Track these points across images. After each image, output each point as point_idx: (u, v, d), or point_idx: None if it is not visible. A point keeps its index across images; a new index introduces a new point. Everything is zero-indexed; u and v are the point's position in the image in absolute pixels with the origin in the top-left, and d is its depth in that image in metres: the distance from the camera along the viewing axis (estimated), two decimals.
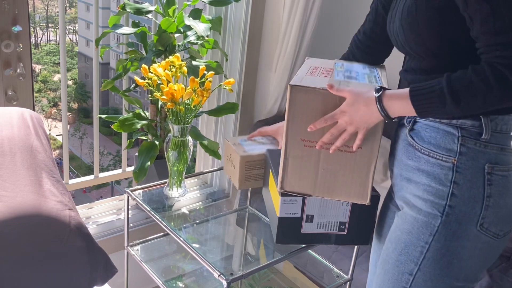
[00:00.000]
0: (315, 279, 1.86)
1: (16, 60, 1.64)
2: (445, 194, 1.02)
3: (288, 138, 1.10)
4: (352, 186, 1.13)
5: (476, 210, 1.01)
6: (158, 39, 1.75)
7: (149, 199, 1.51)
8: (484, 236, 1.02)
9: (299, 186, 1.14)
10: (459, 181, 1.01)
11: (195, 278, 1.69)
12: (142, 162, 1.76)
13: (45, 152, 1.33)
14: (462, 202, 1.01)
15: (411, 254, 1.07)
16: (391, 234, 1.14)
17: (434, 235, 1.03)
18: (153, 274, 1.45)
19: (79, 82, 21.42)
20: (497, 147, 1.00)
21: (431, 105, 0.94)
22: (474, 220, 1.01)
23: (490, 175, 1.00)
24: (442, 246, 1.03)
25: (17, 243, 1.11)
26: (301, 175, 1.13)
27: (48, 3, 22.12)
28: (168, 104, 1.31)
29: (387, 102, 0.99)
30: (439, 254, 1.04)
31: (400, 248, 1.09)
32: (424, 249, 1.05)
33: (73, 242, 1.18)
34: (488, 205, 1.00)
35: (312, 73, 1.16)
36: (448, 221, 1.02)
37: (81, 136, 19.26)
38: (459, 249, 1.03)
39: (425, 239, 1.05)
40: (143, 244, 1.59)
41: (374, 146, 1.08)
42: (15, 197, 1.17)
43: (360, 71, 1.23)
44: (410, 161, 1.10)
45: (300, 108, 1.07)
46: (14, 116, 1.36)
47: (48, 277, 1.13)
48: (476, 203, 1.00)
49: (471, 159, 1.00)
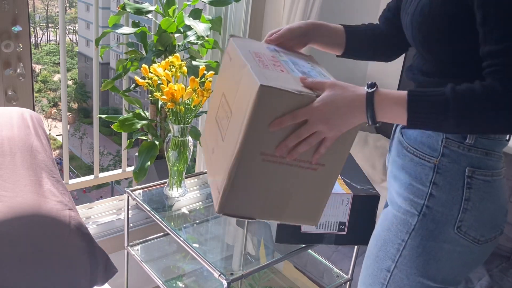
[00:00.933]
0: (315, 279, 1.86)
1: (16, 60, 1.64)
2: (424, 194, 1.01)
3: (245, 149, 0.87)
4: (304, 209, 0.97)
5: (454, 212, 0.99)
6: (158, 39, 1.75)
7: (149, 199, 1.51)
8: (463, 239, 1.00)
9: (244, 209, 0.94)
10: (439, 182, 1.00)
11: (195, 278, 1.69)
12: (142, 162, 1.76)
13: (45, 152, 1.33)
14: (440, 203, 1.00)
15: (388, 251, 1.06)
16: (375, 230, 1.14)
17: (410, 233, 1.03)
18: (153, 274, 1.45)
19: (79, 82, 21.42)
20: (481, 151, 0.98)
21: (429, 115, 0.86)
22: (452, 222, 1.00)
23: (470, 179, 0.98)
24: (418, 245, 1.02)
25: (17, 243, 1.11)
26: (248, 196, 0.92)
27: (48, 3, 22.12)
28: (168, 104, 1.31)
29: (379, 101, 0.87)
30: (415, 253, 1.03)
31: (380, 244, 1.09)
32: (400, 246, 1.04)
33: (73, 242, 1.18)
34: (466, 208, 0.98)
35: (264, 65, 0.93)
36: (425, 221, 1.01)
37: (81, 136, 19.26)
38: (437, 250, 1.01)
39: (401, 237, 1.04)
40: (143, 244, 1.59)
41: (340, 163, 0.92)
42: (15, 197, 1.17)
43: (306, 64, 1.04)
44: (398, 159, 1.08)
45: (268, 113, 0.85)
46: (14, 116, 1.36)
47: (48, 277, 1.13)
48: (454, 205, 0.99)
49: (452, 161, 0.98)
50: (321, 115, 0.85)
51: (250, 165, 0.89)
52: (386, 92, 0.88)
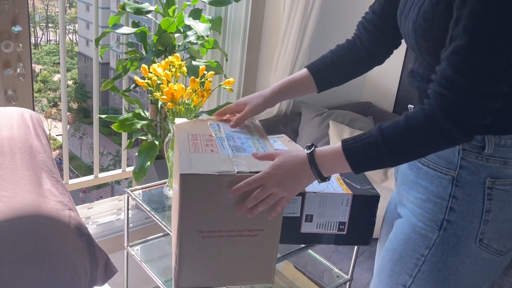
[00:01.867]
0: (315, 279, 1.86)
1: (16, 60, 1.64)
2: (444, 208, 0.98)
3: (183, 231, 0.97)
4: (257, 271, 1.05)
5: (475, 225, 0.97)
6: (158, 39, 1.75)
7: (149, 199, 1.51)
8: (486, 252, 0.98)
9: (198, 281, 1.04)
10: (458, 195, 0.97)
11: None
12: (142, 162, 1.76)
13: (45, 152, 1.33)
14: (461, 217, 0.97)
15: (405, 266, 1.04)
16: (388, 242, 1.11)
17: (430, 248, 1.00)
18: (153, 274, 1.45)
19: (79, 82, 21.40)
20: (499, 161, 0.95)
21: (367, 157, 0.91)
22: (473, 235, 0.97)
23: (491, 190, 0.95)
24: (438, 260, 1.00)
25: (17, 243, 1.11)
26: (199, 269, 1.02)
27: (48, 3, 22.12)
28: (168, 104, 1.31)
29: (319, 159, 0.94)
30: (435, 268, 1.01)
31: (396, 258, 1.06)
32: (419, 261, 1.02)
33: (73, 242, 1.18)
34: (488, 220, 0.96)
35: (195, 148, 1.04)
36: (446, 236, 0.99)
37: (81, 136, 19.25)
38: (457, 264, 0.99)
39: (420, 252, 1.01)
40: (143, 244, 1.59)
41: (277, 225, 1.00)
42: (15, 197, 1.17)
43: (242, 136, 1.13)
44: (410, 171, 1.06)
45: (195, 197, 0.95)
46: (14, 116, 1.36)
47: (48, 277, 1.13)
48: (475, 217, 0.96)
49: (471, 173, 0.96)
50: (274, 179, 0.94)
51: (192, 243, 0.99)
52: (323, 149, 0.95)
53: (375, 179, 2.33)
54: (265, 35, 2.17)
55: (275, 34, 2.15)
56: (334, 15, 2.42)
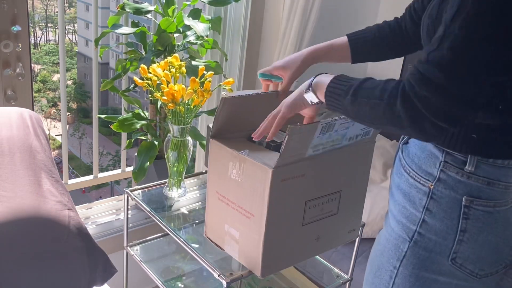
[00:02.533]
0: (315, 279, 1.86)
1: (15, 60, 1.64)
2: (417, 219, 0.95)
3: (209, 188, 1.15)
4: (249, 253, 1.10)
5: (448, 242, 0.92)
6: (158, 39, 1.75)
7: (149, 199, 1.51)
8: (460, 273, 0.93)
9: (215, 237, 1.18)
10: (432, 208, 0.93)
11: (195, 278, 1.69)
12: (142, 162, 1.76)
13: (44, 152, 1.32)
14: (433, 232, 0.93)
15: (382, 278, 1.02)
16: (370, 254, 1.09)
17: (401, 260, 0.97)
18: (152, 274, 1.45)
19: (78, 82, 21.40)
20: (482, 180, 0.89)
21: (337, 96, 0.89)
22: (446, 252, 0.93)
23: (468, 209, 0.90)
24: (410, 274, 0.96)
25: (17, 243, 1.11)
26: (216, 225, 1.16)
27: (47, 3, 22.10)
28: (169, 105, 1.31)
29: (316, 79, 0.96)
30: (408, 282, 0.97)
31: (374, 270, 1.05)
32: (393, 273, 0.99)
33: (72, 242, 1.18)
34: (462, 240, 0.91)
35: None
36: (416, 248, 0.95)
37: (80, 136, 19.25)
38: (430, 282, 0.95)
39: (393, 263, 0.99)
40: (142, 244, 1.59)
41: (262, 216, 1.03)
42: (14, 197, 1.17)
43: None
44: (396, 177, 1.03)
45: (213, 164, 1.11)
46: (13, 116, 1.36)
47: (47, 277, 1.12)
48: (449, 235, 0.92)
49: (449, 187, 0.91)
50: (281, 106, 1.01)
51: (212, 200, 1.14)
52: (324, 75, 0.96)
53: (375, 179, 2.33)
54: (265, 35, 2.17)
55: (275, 34, 2.15)
56: (334, 15, 2.42)
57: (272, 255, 1.08)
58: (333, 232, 1.19)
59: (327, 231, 1.17)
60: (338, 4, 2.42)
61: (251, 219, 1.05)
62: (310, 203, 1.08)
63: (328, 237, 1.19)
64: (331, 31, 2.46)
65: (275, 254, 1.09)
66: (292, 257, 1.16)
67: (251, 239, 1.07)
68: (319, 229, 1.14)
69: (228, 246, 1.15)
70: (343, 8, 2.46)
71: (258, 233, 1.05)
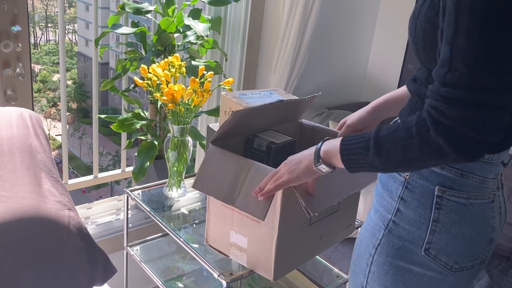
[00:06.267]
0: (315, 279, 1.86)
1: (15, 60, 1.64)
2: (392, 208, 0.97)
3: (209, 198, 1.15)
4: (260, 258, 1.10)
5: (421, 232, 0.94)
6: (158, 39, 1.75)
7: (149, 199, 1.51)
8: (433, 264, 0.94)
9: (219, 245, 1.18)
10: (407, 198, 0.95)
11: (195, 278, 1.69)
12: (142, 162, 1.76)
13: (44, 152, 1.32)
14: (407, 221, 0.95)
15: (360, 266, 1.03)
16: None
17: (376, 248, 0.99)
18: (152, 274, 1.45)
19: (78, 82, 21.39)
20: (456, 172, 0.91)
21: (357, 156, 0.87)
22: (419, 242, 0.94)
23: (440, 199, 0.92)
24: (384, 262, 0.98)
25: (17, 243, 1.11)
26: (219, 233, 1.16)
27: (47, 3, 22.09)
28: (169, 104, 1.31)
29: (323, 152, 0.93)
30: (382, 270, 0.99)
31: (355, 258, 1.06)
32: (369, 261, 1.01)
33: (72, 242, 1.18)
34: (435, 230, 0.93)
35: None
36: (391, 237, 0.97)
37: (80, 136, 19.24)
38: (404, 271, 0.97)
39: (369, 251, 1.00)
40: (142, 244, 1.59)
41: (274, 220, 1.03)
42: (14, 197, 1.17)
43: None
44: None
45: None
46: (13, 116, 1.36)
47: (47, 277, 1.12)
48: (422, 224, 0.93)
49: (423, 177, 0.93)
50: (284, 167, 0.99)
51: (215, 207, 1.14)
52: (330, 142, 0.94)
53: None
54: (265, 35, 2.17)
55: (274, 34, 2.15)
56: (334, 15, 2.42)
57: (283, 257, 1.09)
58: (334, 228, 1.21)
59: (329, 229, 1.18)
60: (338, 4, 2.42)
61: (261, 223, 1.05)
62: None
63: (330, 235, 1.20)
64: (331, 31, 2.46)
65: (286, 256, 1.10)
66: (300, 257, 1.17)
67: (262, 244, 1.07)
68: (323, 228, 1.15)
69: (234, 254, 1.15)
70: (343, 8, 2.46)
71: (269, 236, 1.05)
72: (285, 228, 1.05)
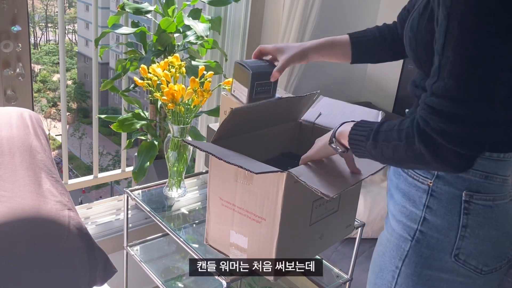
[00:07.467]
0: (315, 279, 1.86)
1: (15, 60, 1.64)
2: (418, 217, 0.95)
3: (210, 194, 1.14)
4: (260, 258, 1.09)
5: (450, 238, 0.92)
6: (158, 39, 1.75)
7: (149, 199, 1.51)
8: (463, 269, 0.93)
9: (219, 245, 1.17)
10: (433, 206, 0.93)
11: (195, 278, 1.69)
12: (142, 162, 1.76)
13: (44, 152, 1.32)
14: (435, 229, 0.93)
15: (385, 278, 1.02)
16: (372, 255, 1.09)
17: (403, 260, 0.97)
18: (152, 274, 1.45)
19: (78, 82, 21.39)
20: (480, 174, 0.89)
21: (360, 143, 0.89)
22: (448, 249, 0.93)
23: (468, 204, 0.90)
24: (413, 273, 0.96)
25: (17, 243, 1.11)
26: (219, 232, 1.15)
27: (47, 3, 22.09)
28: (169, 104, 1.31)
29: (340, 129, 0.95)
30: (411, 281, 0.97)
31: (377, 271, 1.05)
32: (395, 273, 0.99)
33: (72, 242, 1.18)
34: (464, 236, 0.92)
35: None
36: (418, 247, 0.95)
37: (80, 136, 19.23)
38: (434, 280, 0.95)
39: (395, 263, 0.99)
40: (142, 244, 1.59)
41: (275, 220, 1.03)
42: (14, 197, 1.17)
43: None
44: (394, 177, 1.04)
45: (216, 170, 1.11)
46: (13, 116, 1.36)
47: (47, 277, 1.12)
48: (450, 231, 0.92)
49: (448, 184, 0.91)
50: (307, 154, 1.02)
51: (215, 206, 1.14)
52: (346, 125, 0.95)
53: (375, 179, 2.33)
54: (265, 35, 2.17)
55: (274, 34, 2.15)
56: (334, 15, 2.42)
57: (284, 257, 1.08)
58: (334, 228, 1.21)
59: (329, 229, 1.18)
60: (338, 4, 2.42)
61: (262, 223, 1.05)
62: (317, 203, 1.09)
63: (329, 235, 1.20)
64: (331, 31, 2.46)
65: (286, 257, 1.10)
66: (300, 257, 1.16)
67: (262, 244, 1.07)
68: (323, 228, 1.15)
69: (234, 254, 1.15)
70: (343, 8, 2.46)
71: (270, 237, 1.05)
72: (286, 228, 1.05)
